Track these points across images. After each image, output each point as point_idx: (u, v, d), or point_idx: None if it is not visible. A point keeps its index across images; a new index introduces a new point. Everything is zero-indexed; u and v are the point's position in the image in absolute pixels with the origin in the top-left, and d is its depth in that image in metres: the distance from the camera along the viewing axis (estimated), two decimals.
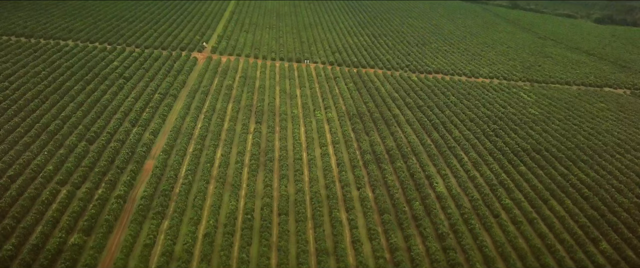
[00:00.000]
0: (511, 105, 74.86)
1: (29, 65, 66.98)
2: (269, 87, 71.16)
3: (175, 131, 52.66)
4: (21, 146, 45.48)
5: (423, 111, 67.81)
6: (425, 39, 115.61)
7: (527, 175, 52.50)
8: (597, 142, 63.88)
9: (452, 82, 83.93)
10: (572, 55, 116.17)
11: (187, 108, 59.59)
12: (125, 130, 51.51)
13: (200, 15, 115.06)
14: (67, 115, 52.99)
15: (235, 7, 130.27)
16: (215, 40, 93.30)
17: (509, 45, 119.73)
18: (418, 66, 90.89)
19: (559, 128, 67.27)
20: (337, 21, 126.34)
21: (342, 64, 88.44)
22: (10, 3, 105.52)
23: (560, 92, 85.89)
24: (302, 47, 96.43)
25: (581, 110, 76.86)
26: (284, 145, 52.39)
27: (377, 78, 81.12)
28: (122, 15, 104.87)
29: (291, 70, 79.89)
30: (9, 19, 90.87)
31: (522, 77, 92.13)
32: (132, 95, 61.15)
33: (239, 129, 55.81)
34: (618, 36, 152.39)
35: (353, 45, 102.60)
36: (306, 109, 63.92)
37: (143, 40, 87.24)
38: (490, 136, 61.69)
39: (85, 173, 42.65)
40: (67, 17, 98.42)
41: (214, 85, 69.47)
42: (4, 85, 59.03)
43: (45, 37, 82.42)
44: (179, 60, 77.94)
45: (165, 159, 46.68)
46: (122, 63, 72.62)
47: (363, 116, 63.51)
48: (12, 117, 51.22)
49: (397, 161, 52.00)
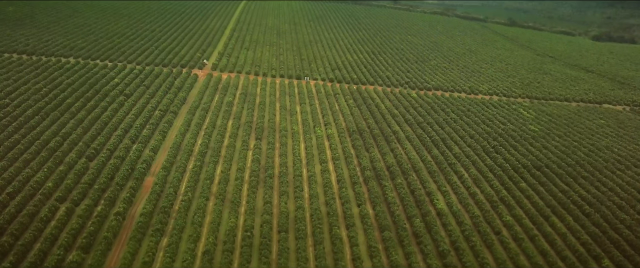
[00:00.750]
0: (511, 121, 74.97)
1: (30, 82, 67.30)
2: (269, 104, 71.36)
3: (175, 148, 52.66)
4: (21, 163, 45.45)
5: (423, 128, 67.89)
6: (424, 56, 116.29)
7: (528, 191, 52.34)
8: (598, 158, 63.82)
9: (452, 98, 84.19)
10: (570, 72, 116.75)
11: (187, 125, 59.68)
12: (125, 146, 51.50)
13: (201, 32, 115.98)
14: (67, 132, 53.04)
15: (235, 24, 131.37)
16: (216, 58, 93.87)
17: (508, 62, 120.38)
18: (418, 83, 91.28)
19: (559, 144, 67.28)
20: (336, 39, 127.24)
21: (342, 80, 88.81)
22: (13, 21, 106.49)
23: (559, 108, 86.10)
24: (302, 64, 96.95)
25: (581, 126, 76.95)
26: (284, 162, 52.34)
27: (377, 95, 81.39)
28: (124, 33, 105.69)
29: (291, 87, 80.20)
30: (12, 37, 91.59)
31: (521, 93, 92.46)
32: (132, 112, 61.30)
33: (239, 146, 55.82)
34: (616, 53, 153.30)
35: (353, 62, 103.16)
36: (306, 125, 64.01)
37: (144, 57, 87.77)
38: (491, 153, 61.67)
39: (85, 190, 42.53)
40: (69, 35, 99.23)
41: (214, 102, 69.66)
42: (5, 102, 59.23)
43: (46, 54, 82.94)
44: (180, 77, 78.29)
45: (165, 176, 46.58)
46: (123, 80, 72.99)
47: (363, 133, 63.57)
48: (12, 134, 51.25)
49: (398, 178, 51.90)
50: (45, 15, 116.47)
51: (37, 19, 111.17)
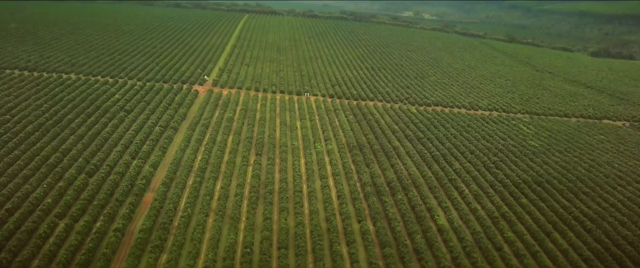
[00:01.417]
0: (511, 137, 74.98)
1: (31, 98, 67.55)
2: (269, 120, 71.47)
3: (175, 164, 52.58)
4: (20, 179, 45.35)
5: (423, 143, 67.88)
6: (424, 72, 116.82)
7: (529, 207, 52.10)
8: (598, 174, 63.67)
9: (452, 114, 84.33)
10: (570, 88, 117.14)
11: (188, 140, 59.70)
12: (125, 162, 51.43)
13: (202, 49, 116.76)
14: (67, 148, 53.02)
15: (236, 41, 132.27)
16: (217, 74, 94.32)
17: (507, 78, 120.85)
18: (417, 99, 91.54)
19: (559, 160, 67.18)
20: (336, 55, 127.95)
21: (342, 96, 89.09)
22: (15, 38, 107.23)
23: (559, 124, 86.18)
24: (302, 80, 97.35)
25: (581, 142, 76.93)
26: (284, 178, 52.21)
27: (376, 110, 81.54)
28: (125, 49, 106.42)
29: (291, 103, 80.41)
30: (14, 53, 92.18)
31: (521, 109, 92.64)
32: (132, 128, 61.37)
33: (239, 161, 55.73)
34: (615, 69, 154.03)
35: (353, 78, 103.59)
36: (306, 141, 64.01)
37: (145, 73, 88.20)
38: (491, 168, 61.55)
39: (84, 206, 42.34)
40: (71, 51, 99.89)
41: (214, 117, 69.79)
42: (6, 118, 59.36)
43: (48, 70, 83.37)
44: (180, 93, 78.55)
45: (164, 192, 46.42)
46: (124, 96, 73.24)
47: (363, 148, 63.54)
48: (12, 150, 51.25)
49: (398, 193, 51.72)
50: (47, 32, 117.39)
51: (39, 36, 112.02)
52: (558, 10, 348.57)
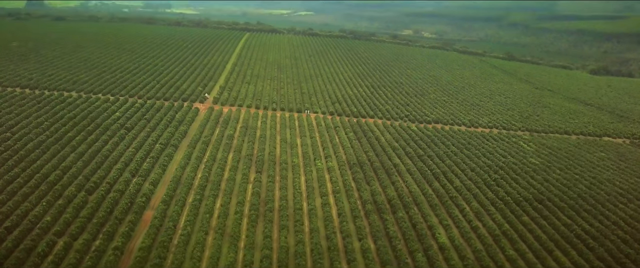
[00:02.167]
0: (511, 154, 74.91)
1: (32, 116, 67.73)
2: (270, 137, 71.52)
3: (175, 181, 52.48)
4: (20, 196, 45.21)
5: (423, 160, 67.80)
6: (423, 89, 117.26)
7: (531, 225, 51.79)
8: (600, 191, 63.43)
9: (452, 131, 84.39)
10: (569, 105, 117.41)
11: (188, 158, 59.66)
12: (125, 180, 51.33)
13: (203, 67, 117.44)
14: (67, 166, 52.99)
15: (237, 59, 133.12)
16: (217, 91, 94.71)
17: (507, 95, 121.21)
18: (417, 116, 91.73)
19: (560, 177, 66.99)
20: (336, 73, 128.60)
21: (342, 114, 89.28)
22: (17, 56, 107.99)
23: (559, 141, 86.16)
24: (302, 98, 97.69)
25: (581, 159, 76.79)
26: (284, 195, 52.03)
27: (376, 128, 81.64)
28: (126, 68, 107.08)
29: (292, 120, 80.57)
30: (15, 71, 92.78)
31: (521, 126, 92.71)
32: (133, 146, 61.41)
33: (239, 179, 55.61)
34: (614, 87, 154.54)
35: (353, 95, 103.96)
36: (307, 158, 63.96)
37: (145, 91, 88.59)
38: (492, 186, 61.36)
39: (83, 224, 42.14)
40: (72, 69, 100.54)
41: (215, 135, 69.87)
42: (6, 135, 59.45)
43: (49, 88, 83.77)
44: (181, 111, 78.77)
45: (164, 210, 46.23)
46: (124, 113, 73.45)
47: (363, 165, 63.44)
48: (12, 168, 51.20)
49: (399, 211, 51.47)
50: (49, 50, 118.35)
51: (41, 54, 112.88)
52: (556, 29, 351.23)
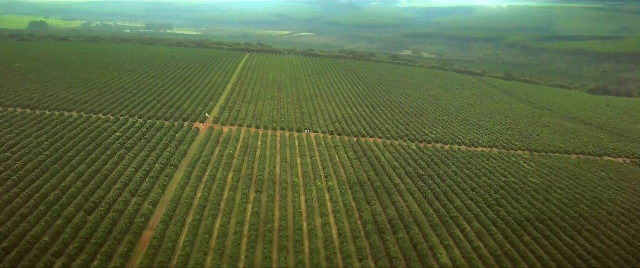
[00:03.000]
0: (512, 174, 74.73)
1: (32, 136, 67.81)
2: (270, 156, 71.45)
3: (175, 201, 52.25)
4: (18, 217, 44.96)
5: (424, 180, 67.60)
6: (423, 109, 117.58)
7: (533, 245, 51.36)
8: (601, 211, 63.07)
9: (452, 151, 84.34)
10: (569, 125, 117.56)
11: (188, 178, 59.51)
12: (125, 200, 51.12)
13: (204, 87, 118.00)
14: (66, 186, 52.83)
15: (237, 79, 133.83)
16: (218, 111, 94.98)
17: (507, 115, 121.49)
18: (417, 136, 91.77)
19: (561, 197, 66.70)
20: (336, 93, 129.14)
21: (342, 133, 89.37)
22: (19, 76, 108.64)
23: (560, 161, 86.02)
24: (303, 117, 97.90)
25: (582, 179, 76.56)
26: (284, 215, 51.71)
27: (377, 147, 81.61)
28: (127, 88, 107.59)
29: (292, 140, 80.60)
30: (17, 92, 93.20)
31: (521, 146, 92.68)
32: (133, 166, 61.31)
33: (239, 199, 55.36)
34: (613, 106, 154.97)
35: (353, 115, 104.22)
36: (307, 177, 63.78)
37: (146, 111, 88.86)
38: (493, 206, 61.06)
39: (82, 244, 41.81)
40: (74, 89, 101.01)
41: (215, 155, 69.81)
42: (6, 155, 59.43)
43: (50, 108, 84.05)
44: (181, 131, 78.87)
45: (163, 230, 45.93)
46: (125, 133, 73.53)
47: (364, 185, 63.23)
48: (11, 188, 51.07)
49: (400, 231, 51.11)
50: (51, 71, 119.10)
51: (43, 74, 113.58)
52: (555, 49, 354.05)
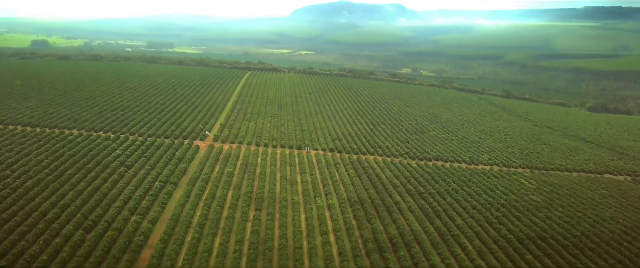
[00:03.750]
0: (513, 192, 74.48)
1: (33, 154, 67.78)
2: (270, 174, 71.31)
3: (175, 219, 51.98)
4: (17, 235, 44.70)
5: (425, 198, 67.34)
6: (423, 127, 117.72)
7: (534, 264, 50.92)
8: (603, 229, 62.69)
9: (453, 169, 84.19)
10: (569, 143, 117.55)
11: (187, 196, 59.31)
12: (124, 218, 50.86)
13: (204, 105, 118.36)
14: (66, 204, 52.63)
15: (238, 97, 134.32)
16: (218, 129, 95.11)
17: (507, 133, 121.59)
18: (418, 153, 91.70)
19: (562, 215, 66.36)
20: (337, 110, 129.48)
21: (343, 151, 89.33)
22: (20, 95, 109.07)
23: (561, 179, 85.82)
24: (303, 135, 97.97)
25: (583, 197, 76.28)
26: (284, 234, 51.38)
27: (377, 165, 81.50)
28: (128, 106, 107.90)
29: (292, 157, 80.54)
30: (18, 110, 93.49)
31: (522, 164, 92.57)
32: (132, 184, 61.16)
33: (239, 217, 55.07)
34: (613, 124, 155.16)
35: (353, 133, 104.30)
36: (307, 195, 63.55)
37: (147, 129, 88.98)
38: (494, 224, 60.71)
39: (80, 263, 41.45)
40: (74, 107, 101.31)
41: (215, 172, 69.68)
42: (6, 173, 59.34)
43: (51, 126, 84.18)
44: (181, 149, 78.86)
45: (162, 249, 45.59)
46: (125, 151, 73.50)
47: (364, 203, 62.97)
48: (10, 206, 50.88)
49: (401, 250, 50.72)
50: (52, 89, 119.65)
51: (44, 93, 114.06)
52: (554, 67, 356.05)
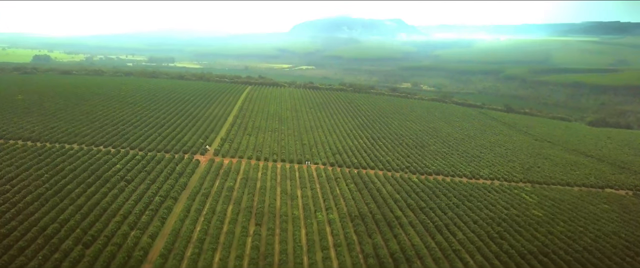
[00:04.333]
0: (514, 206, 74.19)
1: (32, 168, 67.69)
2: (270, 188, 71.12)
3: (174, 234, 51.70)
4: (15, 250, 44.43)
5: (425, 213, 67.06)
6: (423, 141, 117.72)
7: None
8: (605, 244, 62.32)
9: (453, 183, 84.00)
10: (570, 157, 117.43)
11: (187, 210, 59.08)
12: (123, 233, 50.59)
13: (205, 119, 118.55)
14: (65, 219, 52.41)
15: (238, 112, 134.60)
16: (218, 143, 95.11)
17: (507, 147, 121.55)
18: (418, 167, 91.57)
19: (564, 230, 66.02)
20: (337, 124, 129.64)
21: (343, 165, 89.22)
22: (21, 109, 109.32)
23: (562, 193, 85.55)
24: (303, 149, 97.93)
25: (585, 211, 75.95)
26: (284, 249, 51.07)
27: (377, 179, 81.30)
28: (128, 120, 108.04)
29: (292, 172, 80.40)
30: (18, 124, 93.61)
31: (522, 178, 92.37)
32: (132, 198, 60.98)
33: (238, 232, 54.78)
34: (613, 138, 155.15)
35: (353, 147, 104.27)
36: (307, 210, 63.30)
37: (147, 143, 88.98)
38: (495, 238, 60.36)
39: None
40: (75, 121, 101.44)
41: (215, 187, 69.51)
42: (5, 188, 59.18)
43: (51, 141, 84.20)
44: (181, 163, 78.78)
45: (162, 264, 45.28)
46: (125, 166, 73.41)
47: (365, 217, 62.69)
48: (9, 221, 50.63)
49: (402, 265, 50.33)
50: (52, 103, 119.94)
51: (44, 107, 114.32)
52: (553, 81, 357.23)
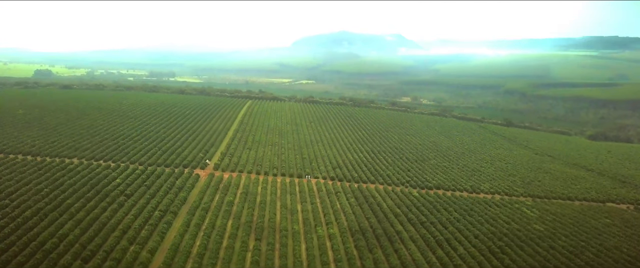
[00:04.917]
0: (515, 221, 73.86)
1: (32, 183, 67.58)
2: (270, 203, 70.89)
3: (174, 249, 51.41)
4: (14, 265, 44.16)
5: (426, 227, 66.74)
6: (424, 155, 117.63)
7: None
8: (607, 259, 61.92)
9: (454, 197, 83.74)
10: (570, 171, 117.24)
11: (187, 225, 58.83)
12: (122, 248, 50.32)
13: (205, 133, 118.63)
14: (64, 233, 52.15)
15: (239, 126, 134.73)
16: (218, 158, 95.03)
17: (508, 161, 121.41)
18: (418, 182, 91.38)
19: (566, 244, 65.65)
20: (337, 138, 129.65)
21: (343, 179, 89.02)
22: (22, 123, 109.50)
23: (563, 207, 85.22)
24: (303, 163, 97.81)
25: (586, 226, 75.60)
26: (284, 264, 50.73)
27: (378, 193, 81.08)
28: (128, 135, 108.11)
29: (292, 186, 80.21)
30: (19, 138, 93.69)
31: (523, 192, 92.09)
32: (132, 213, 60.76)
33: (238, 247, 54.48)
34: (614, 152, 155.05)
35: (353, 161, 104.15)
36: (307, 224, 63.01)
37: (147, 157, 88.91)
38: (497, 253, 59.99)
39: None
40: (75, 136, 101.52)
41: (214, 201, 69.30)
42: (5, 203, 59.04)
43: (51, 155, 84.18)
44: (181, 177, 78.64)
45: None
46: (125, 180, 73.28)
47: (365, 232, 62.38)
48: (8, 235, 50.45)
49: None
50: (53, 118, 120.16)
51: (45, 121, 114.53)
52: (553, 96, 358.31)
